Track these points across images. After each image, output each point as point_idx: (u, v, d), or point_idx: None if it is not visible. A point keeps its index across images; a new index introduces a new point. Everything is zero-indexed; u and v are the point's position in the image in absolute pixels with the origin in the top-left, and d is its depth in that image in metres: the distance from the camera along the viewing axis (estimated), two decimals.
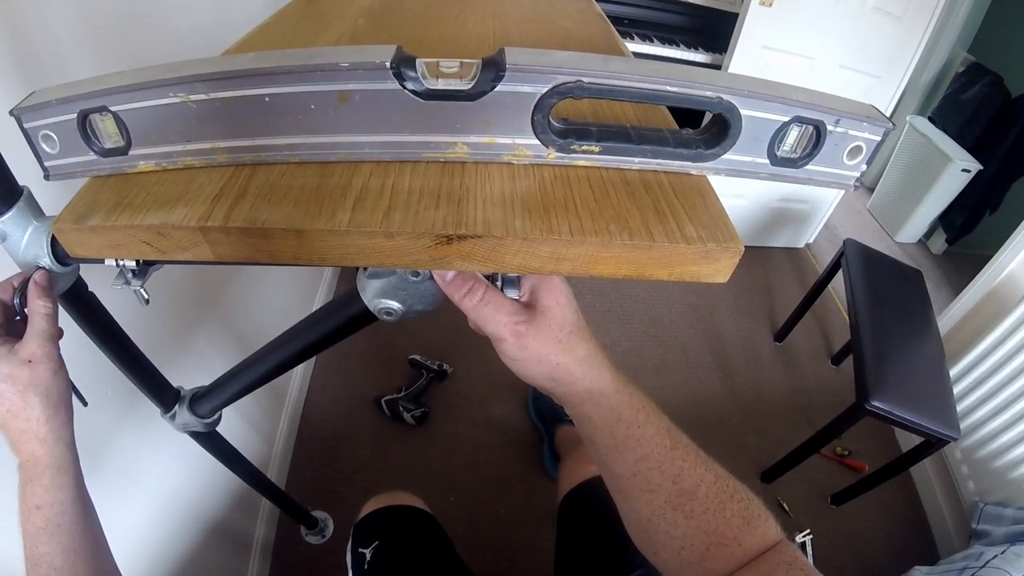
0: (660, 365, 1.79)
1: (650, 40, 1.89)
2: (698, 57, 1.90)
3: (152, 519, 0.82)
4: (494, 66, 0.29)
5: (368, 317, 0.43)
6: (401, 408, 1.46)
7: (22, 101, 0.31)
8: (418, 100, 0.30)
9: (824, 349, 1.95)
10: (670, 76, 0.30)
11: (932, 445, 1.20)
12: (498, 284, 0.35)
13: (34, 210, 0.35)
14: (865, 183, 2.22)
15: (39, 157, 0.33)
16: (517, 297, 0.35)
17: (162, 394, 0.61)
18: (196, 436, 0.69)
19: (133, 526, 0.77)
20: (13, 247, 0.35)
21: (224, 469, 0.81)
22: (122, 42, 0.68)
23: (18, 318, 0.37)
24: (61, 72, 0.57)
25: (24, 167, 0.35)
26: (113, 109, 0.31)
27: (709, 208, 0.32)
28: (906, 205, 2.59)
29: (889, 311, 1.39)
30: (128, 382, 0.56)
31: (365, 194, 0.31)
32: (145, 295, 0.36)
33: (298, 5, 0.62)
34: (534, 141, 0.32)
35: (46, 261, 0.36)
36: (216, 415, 0.66)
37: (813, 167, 0.34)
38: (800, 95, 0.32)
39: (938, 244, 2.68)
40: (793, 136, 0.33)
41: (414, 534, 0.78)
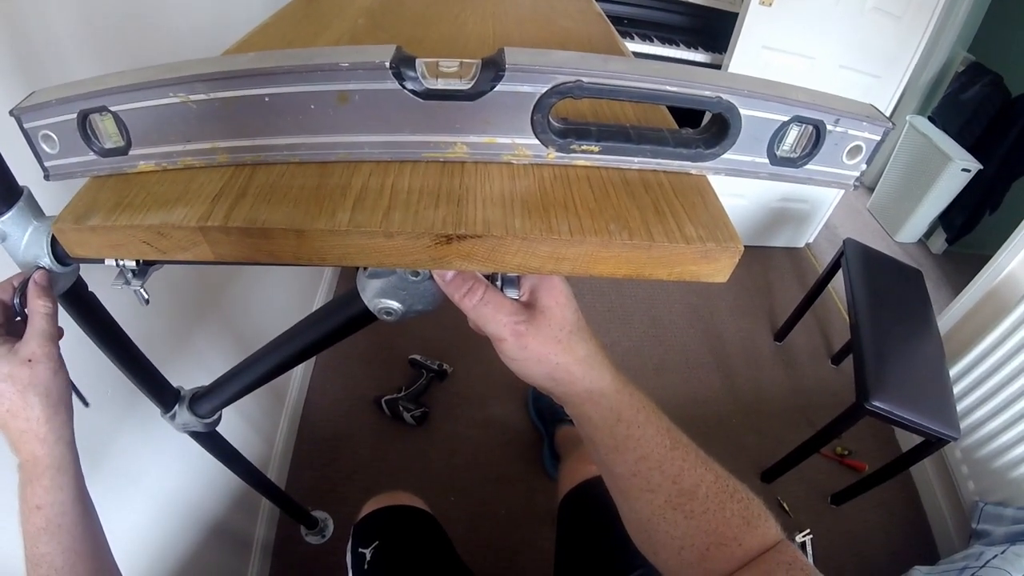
0: (660, 365, 1.79)
1: (650, 40, 1.89)
2: (698, 57, 1.90)
3: (152, 519, 0.82)
4: (494, 66, 0.29)
5: (368, 317, 0.43)
6: (401, 408, 1.46)
7: (22, 101, 0.31)
8: (418, 100, 0.30)
9: (824, 349, 1.95)
10: (670, 76, 0.30)
11: (932, 445, 1.20)
12: (498, 284, 0.35)
13: (34, 210, 0.35)
14: (865, 183, 2.22)
15: (39, 157, 0.33)
16: (517, 297, 0.35)
17: (162, 394, 0.61)
18: (196, 436, 0.69)
19: (133, 526, 0.77)
20: (13, 247, 0.35)
21: (224, 469, 0.81)
22: (122, 42, 0.68)
23: (18, 318, 0.37)
24: (61, 72, 0.57)
25: (24, 167, 0.35)
26: (113, 109, 0.31)
27: (709, 208, 0.32)
28: (906, 205, 2.59)
29: (889, 311, 1.39)
30: (128, 382, 0.56)
31: (365, 194, 0.31)
32: (145, 295, 0.36)
33: (298, 5, 0.62)
34: (534, 141, 0.32)
35: (46, 261, 0.36)
36: (216, 415, 0.66)
37: (813, 167, 0.34)
38: (800, 95, 0.32)
39: (938, 244, 2.68)
40: (793, 136, 0.33)
41: (414, 534, 0.78)
